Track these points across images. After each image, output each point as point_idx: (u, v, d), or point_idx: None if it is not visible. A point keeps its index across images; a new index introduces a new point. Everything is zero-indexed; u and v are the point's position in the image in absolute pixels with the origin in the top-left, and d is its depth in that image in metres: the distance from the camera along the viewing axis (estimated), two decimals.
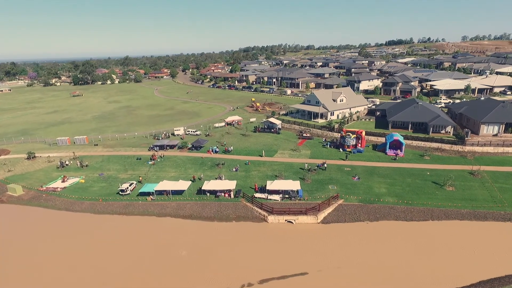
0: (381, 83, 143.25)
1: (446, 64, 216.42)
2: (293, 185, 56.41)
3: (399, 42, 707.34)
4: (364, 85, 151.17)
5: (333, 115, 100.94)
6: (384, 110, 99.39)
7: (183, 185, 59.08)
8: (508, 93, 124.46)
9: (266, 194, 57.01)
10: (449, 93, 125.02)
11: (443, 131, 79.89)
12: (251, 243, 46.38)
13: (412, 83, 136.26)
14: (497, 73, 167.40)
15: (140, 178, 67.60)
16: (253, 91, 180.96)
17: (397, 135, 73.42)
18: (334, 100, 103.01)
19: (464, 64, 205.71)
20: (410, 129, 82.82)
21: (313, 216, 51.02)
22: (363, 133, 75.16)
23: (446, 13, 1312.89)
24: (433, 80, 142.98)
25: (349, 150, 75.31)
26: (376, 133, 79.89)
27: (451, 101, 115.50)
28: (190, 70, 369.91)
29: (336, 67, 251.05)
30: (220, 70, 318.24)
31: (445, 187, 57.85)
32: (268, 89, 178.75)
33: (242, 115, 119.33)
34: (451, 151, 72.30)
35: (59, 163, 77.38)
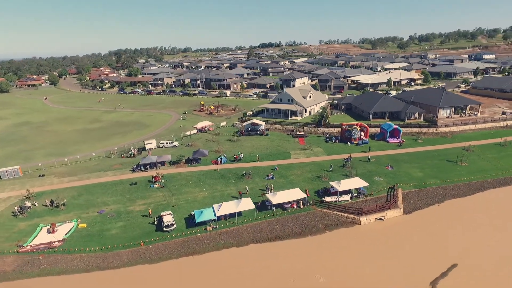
0: (318, 80, 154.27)
1: (341, 63, 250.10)
2: (360, 183, 55.11)
3: (271, 45, 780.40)
4: (298, 83, 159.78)
5: (306, 111, 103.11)
6: (349, 104, 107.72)
7: (248, 204, 49.77)
8: (412, 84, 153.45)
9: (336, 197, 53.86)
10: (374, 86, 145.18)
11: (412, 118, 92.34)
12: (368, 250, 43.09)
13: (341, 80, 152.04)
14: (386, 69, 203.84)
15: (175, 206, 53.70)
16: (182, 94, 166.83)
17: (392, 124, 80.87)
18: (304, 97, 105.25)
19: (355, 63, 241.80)
20: (387, 118, 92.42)
21: (398, 209, 51.22)
22: (362, 125, 79.71)
23: (305, 21, 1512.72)
24: (354, 76, 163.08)
25: (356, 142, 78.57)
26: (371, 124, 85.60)
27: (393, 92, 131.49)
28: (69, 75, 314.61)
29: (244, 67, 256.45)
30: (114, 74, 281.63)
31: (459, 163, 67.13)
32: (197, 92, 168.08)
33: (200, 120, 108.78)
34: (431, 133, 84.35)
35: (17, 208, 53.64)
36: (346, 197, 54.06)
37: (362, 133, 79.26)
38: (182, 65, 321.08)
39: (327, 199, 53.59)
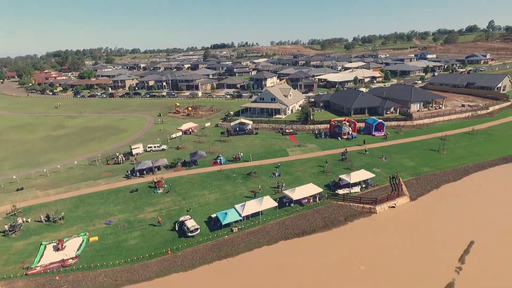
0: (289, 80, 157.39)
1: (301, 63, 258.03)
2: (367, 174, 57.80)
3: (223, 46, 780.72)
4: (269, 83, 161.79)
5: (289, 110, 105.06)
6: (327, 101, 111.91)
7: (269, 202, 49.44)
8: (375, 81, 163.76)
9: (348, 189, 55.90)
10: (342, 84, 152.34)
11: (389, 112, 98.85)
12: (392, 235, 45.51)
13: (311, 79, 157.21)
14: (345, 68, 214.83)
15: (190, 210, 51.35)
16: (149, 97, 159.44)
17: (376, 119, 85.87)
18: (285, 96, 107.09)
19: (316, 62, 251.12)
20: (367, 113, 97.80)
21: (405, 196, 54.73)
22: (350, 120, 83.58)
23: (257, 22, 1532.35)
24: (321, 75, 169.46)
25: (345, 137, 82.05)
26: (357, 120, 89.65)
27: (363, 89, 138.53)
28: (6, 79, 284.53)
29: (207, 68, 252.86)
30: (63, 77, 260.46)
31: (441, 152, 73.51)
32: (165, 94, 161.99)
33: (178, 122, 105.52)
34: (408, 126, 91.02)
35: (7, 226, 47.45)
36: (357, 189, 56.44)
37: (350, 128, 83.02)
38: (139, 67, 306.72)
39: (340, 191, 55.42)
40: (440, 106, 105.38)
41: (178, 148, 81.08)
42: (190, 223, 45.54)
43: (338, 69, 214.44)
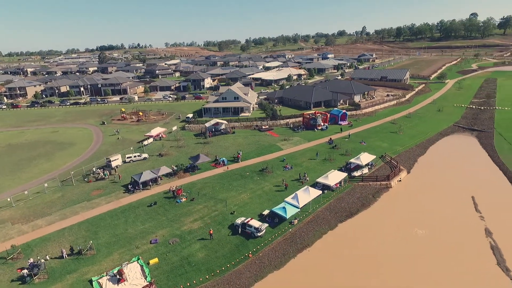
0: (229, 79, 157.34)
1: (219, 63, 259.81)
2: (371, 157, 65.37)
3: (112, 48, 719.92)
4: (206, 83, 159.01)
5: (251, 107, 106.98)
6: (281, 97, 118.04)
7: (314, 191, 51.32)
8: (302, 78, 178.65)
9: (360, 171, 62.29)
10: (277, 82, 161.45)
11: (339, 104, 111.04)
12: (418, 202, 53.60)
13: (248, 78, 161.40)
14: (266, 68, 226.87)
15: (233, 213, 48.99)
16: (70, 104, 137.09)
17: (340, 110, 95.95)
18: (246, 94, 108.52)
19: (234, 63, 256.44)
20: (323, 105, 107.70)
21: (404, 171, 64.38)
22: (322, 113, 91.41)
23: (149, 22, 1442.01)
24: (252, 74, 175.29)
25: (320, 128, 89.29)
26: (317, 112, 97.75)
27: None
28: None
29: (123, 71, 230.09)
30: None
31: (399, 133, 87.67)
32: (88, 100, 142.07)
33: (131, 129, 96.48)
34: (359, 115, 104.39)
35: (25, 272, 37.08)
36: (366, 170, 63.47)
37: (323, 120, 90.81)
38: (25, 72, 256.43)
39: (356, 174, 61.43)
40: (373, 96, 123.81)
41: (162, 155, 74.50)
42: (256, 223, 44.19)
43: (260, 68, 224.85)
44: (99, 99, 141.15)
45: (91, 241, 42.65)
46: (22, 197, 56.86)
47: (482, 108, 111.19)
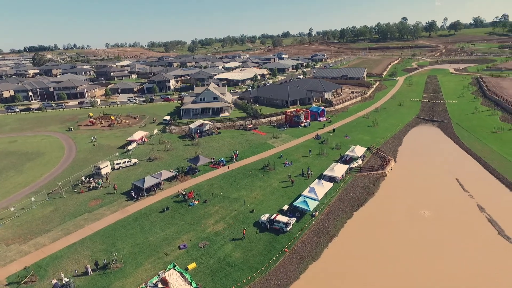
0: (198, 80, 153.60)
1: (175, 64, 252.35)
2: (363, 149, 69.67)
3: (43, 49, 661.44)
4: (171, 84, 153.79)
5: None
6: (256, 97, 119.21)
7: (326, 184, 53.46)
8: (266, 78, 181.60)
9: (356, 162, 66.09)
10: (244, 81, 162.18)
11: (312, 101, 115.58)
12: (417, 186, 58.77)
13: (214, 78, 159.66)
14: (226, 68, 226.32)
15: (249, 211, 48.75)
16: (20, 111, 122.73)
17: (319, 107, 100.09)
18: (223, 95, 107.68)
19: (192, 64, 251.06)
20: (299, 103, 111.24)
21: (392, 160, 69.74)
22: (304, 110, 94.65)
23: (89, 22, 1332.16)
24: (216, 74, 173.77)
25: (303, 125, 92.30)
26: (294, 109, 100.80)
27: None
28: None
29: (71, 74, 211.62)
30: None
31: (374, 126, 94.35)
32: (43, 105, 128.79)
33: (111, 133, 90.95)
34: (333, 111, 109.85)
35: None
36: (360, 161, 67.55)
37: (305, 117, 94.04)
38: None
39: (353, 165, 65.07)
40: (340, 94, 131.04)
41: (152, 160, 71.12)
42: (284, 218, 44.86)
43: (220, 68, 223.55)
44: (53, 104, 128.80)
45: (115, 254, 39.63)
46: (7, 215, 50.44)
47: (434, 101, 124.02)
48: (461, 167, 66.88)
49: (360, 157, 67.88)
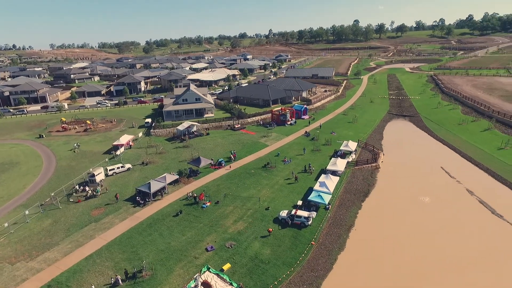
0: (170, 81, 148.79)
1: (139, 65, 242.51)
2: (355, 144, 73.17)
3: None
4: (142, 86, 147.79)
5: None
6: (236, 97, 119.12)
7: (334, 178, 55.68)
8: (237, 78, 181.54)
9: (350, 157, 69.25)
10: (217, 82, 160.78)
11: (292, 100, 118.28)
12: (412, 175, 63.10)
13: (187, 79, 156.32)
14: (194, 69, 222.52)
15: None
16: None
17: (302, 106, 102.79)
18: (204, 95, 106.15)
19: (156, 65, 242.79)
20: (280, 102, 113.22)
21: (381, 153, 74.10)
22: (289, 109, 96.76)
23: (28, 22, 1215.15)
24: (189, 75, 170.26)
25: (289, 123, 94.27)
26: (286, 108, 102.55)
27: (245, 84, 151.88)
28: None
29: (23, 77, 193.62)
30: None
31: (354, 123, 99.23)
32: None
33: (90, 138, 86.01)
34: (312, 109, 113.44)
35: None
36: (354, 155, 70.92)
37: (291, 116, 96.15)
38: None
39: (349, 159, 68.13)
40: (315, 92, 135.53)
41: (146, 164, 68.39)
42: (305, 213, 45.91)
43: (187, 69, 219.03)
44: (12, 110, 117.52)
45: (144, 261, 37.86)
46: (0, 231, 45.57)
47: (400, 98, 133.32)
48: (442, 156, 73.06)
49: (353, 151, 71.26)
